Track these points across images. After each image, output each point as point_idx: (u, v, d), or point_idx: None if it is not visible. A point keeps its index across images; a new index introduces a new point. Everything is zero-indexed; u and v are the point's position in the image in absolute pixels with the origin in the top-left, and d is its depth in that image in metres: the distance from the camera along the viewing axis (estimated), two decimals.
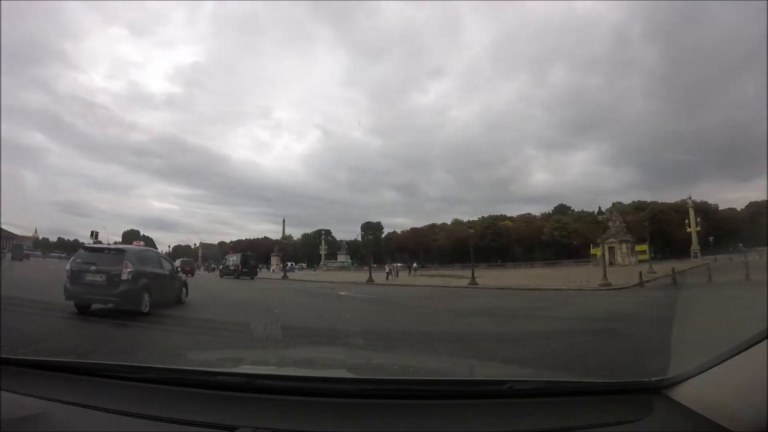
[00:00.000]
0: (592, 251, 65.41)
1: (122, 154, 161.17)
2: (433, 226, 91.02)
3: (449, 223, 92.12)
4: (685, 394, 1.38)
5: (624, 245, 53.23)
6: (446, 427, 1.36)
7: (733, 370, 1.24)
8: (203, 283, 24.51)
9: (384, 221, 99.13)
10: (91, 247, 11.99)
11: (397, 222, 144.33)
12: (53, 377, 1.64)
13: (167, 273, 12.25)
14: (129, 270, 9.83)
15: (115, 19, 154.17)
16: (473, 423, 1.37)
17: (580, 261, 61.86)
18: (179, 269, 14.85)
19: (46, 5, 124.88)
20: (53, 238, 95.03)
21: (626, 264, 46.73)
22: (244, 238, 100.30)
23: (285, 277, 38.15)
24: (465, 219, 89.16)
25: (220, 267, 42.73)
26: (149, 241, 77.17)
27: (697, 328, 4.91)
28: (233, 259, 40.50)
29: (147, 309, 9.93)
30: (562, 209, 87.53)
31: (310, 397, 1.47)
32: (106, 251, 10.82)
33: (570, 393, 1.59)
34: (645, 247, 59.32)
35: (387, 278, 34.30)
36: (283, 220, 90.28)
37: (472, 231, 42.61)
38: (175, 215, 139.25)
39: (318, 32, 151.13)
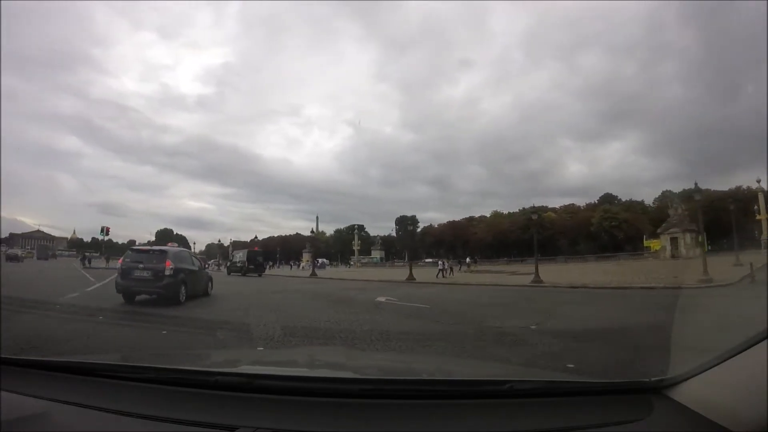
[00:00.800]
0: (645, 243, 60.66)
1: (155, 156, 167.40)
2: (470, 219, 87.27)
3: (487, 215, 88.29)
4: (685, 394, 1.36)
5: (688, 235, 48.40)
6: (446, 427, 1.34)
7: (733, 370, 1.22)
8: None
9: (417, 216, 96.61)
10: (138, 249, 13.93)
11: (429, 216, 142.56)
12: (53, 377, 1.66)
13: (197, 269, 13.93)
14: (171, 267, 11.59)
15: (143, 24, 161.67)
16: (473, 423, 1.35)
17: (634, 254, 57.11)
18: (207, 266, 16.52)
19: (74, 13, 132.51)
20: (88, 239, 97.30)
21: (692, 256, 41.97)
22: (276, 235, 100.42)
23: (314, 274, 35.28)
24: (505, 212, 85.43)
25: (227, 264, 41.04)
26: (182, 240, 77.27)
27: None
28: (239, 256, 38.09)
29: (184, 299, 11.74)
30: (608, 199, 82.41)
31: (310, 397, 1.46)
32: (151, 252, 12.62)
33: (570, 393, 1.56)
34: (702, 238, 54.27)
35: (439, 275, 30.05)
36: (317, 217, 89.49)
37: (535, 217, 37.15)
38: (210, 214, 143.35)
39: (344, 28, 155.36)
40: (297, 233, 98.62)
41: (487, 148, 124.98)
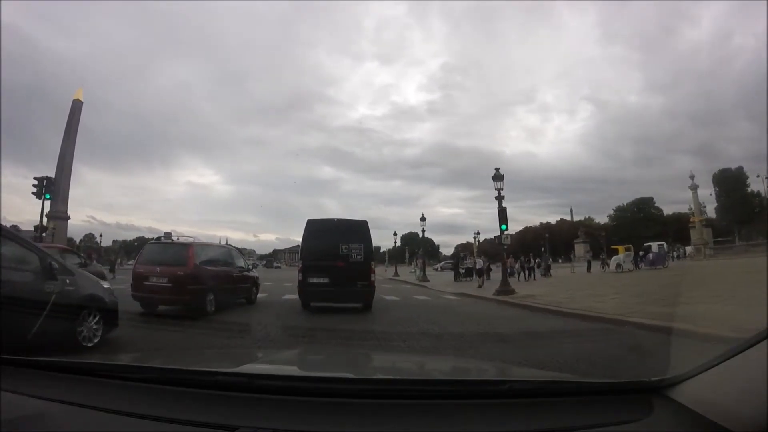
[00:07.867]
0: None
1: (401, 169, 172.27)
2: None
3: None
4: (685, 394, 1.35)
5: None
6: (446, 427, 1.33)
7: (733, 370, 1.21)
8: None
9: (680, 196, 74.42)
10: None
11: (702, 193, 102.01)
12: (53, 377, 1.62)
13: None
14: None
15: (364, 57, 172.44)
16: (473, 423, 1.34)
17: None
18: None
19: (305, 64, 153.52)
20: None
21: None
22: (533, 225, 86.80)
23: None
24: None
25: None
26: (430, 243, 71.05)
27: None
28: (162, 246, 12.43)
29: None
30: None
31: (310, 397, 1.45)
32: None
33: (570, 393, 1.55)
34: None
35: None
36: (571, 210, 73.73)
37: None
38: (461, 218, 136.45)
39: None
40: (561, 219, 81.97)
41: (754, 95, 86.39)
